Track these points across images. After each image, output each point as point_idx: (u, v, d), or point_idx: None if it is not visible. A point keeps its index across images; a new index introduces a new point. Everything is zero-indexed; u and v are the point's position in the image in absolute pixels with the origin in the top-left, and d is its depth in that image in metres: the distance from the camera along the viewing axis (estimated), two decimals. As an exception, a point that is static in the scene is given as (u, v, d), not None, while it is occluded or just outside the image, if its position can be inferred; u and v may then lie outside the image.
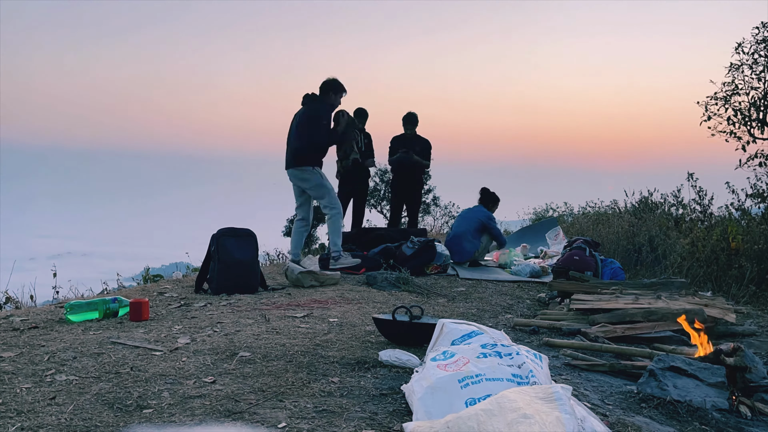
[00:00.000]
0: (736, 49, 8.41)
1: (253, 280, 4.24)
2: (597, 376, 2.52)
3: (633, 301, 3.65)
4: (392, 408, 1.97)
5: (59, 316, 3.21)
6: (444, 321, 2.39)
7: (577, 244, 5.63)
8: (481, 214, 6.45)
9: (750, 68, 8.32)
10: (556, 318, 3.60)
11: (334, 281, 4.66)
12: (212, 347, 2.59)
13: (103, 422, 1.76)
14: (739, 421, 2.10)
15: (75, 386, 2.06)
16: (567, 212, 14.65)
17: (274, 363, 2.40)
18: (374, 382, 2.22)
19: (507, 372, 1.86)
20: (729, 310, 3.60)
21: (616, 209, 10.35)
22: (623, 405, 2.17)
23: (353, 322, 3.23)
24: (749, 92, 8.36)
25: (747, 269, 5.28)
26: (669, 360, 2.34)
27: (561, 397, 1.52)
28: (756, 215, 6.78)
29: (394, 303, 3.88)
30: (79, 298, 4.16)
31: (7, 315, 3.25)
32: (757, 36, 8.29)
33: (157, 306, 3.60)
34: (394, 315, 2.83)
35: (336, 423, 1.80)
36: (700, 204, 7.93)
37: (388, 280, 4.71)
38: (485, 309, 4.03)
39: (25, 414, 1.80)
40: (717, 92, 8.59)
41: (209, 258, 4.19)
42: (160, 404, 1.91)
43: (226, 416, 1.84)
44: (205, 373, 2.25)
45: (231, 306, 3.60)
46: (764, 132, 8.24)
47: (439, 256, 5.82)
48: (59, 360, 2.35)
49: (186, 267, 6.05)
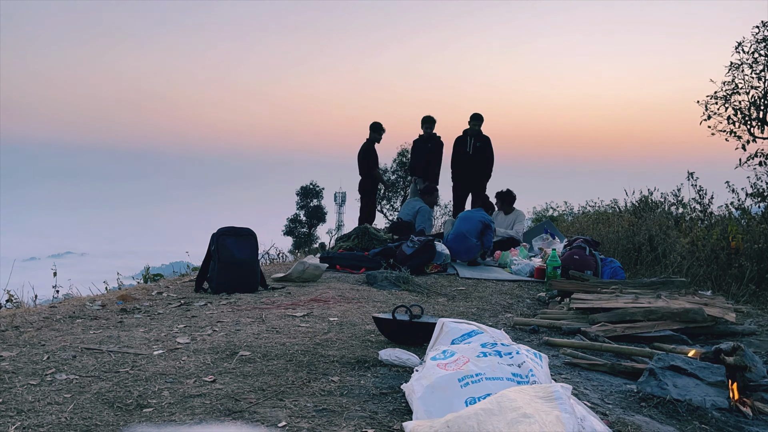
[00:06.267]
0: (737, 49, 8.41)
1: (253, 279, 4.24)
2: (597, 375, 2.52)
3: (633, 300, 3.65)
4: (392, 407, 1.97)
5: (59, 315, 3.21)
6: (444, 320, 2.39)
7: (577, 244, 5.64)
8: (484, 216, 6.50)
9: (750, 67, 8.32)
10: (556, 317, 3.60)
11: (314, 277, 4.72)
12: (212, 346, 2.59)
13: (103, 421, 1.76)
14: (739, 420, 2.10)
15: (75, 385, 2.06)
16: (567, 211, 14.65)
17: (274, 362, 2.40)
18: (374, 382, 2.23)
19: (507, 371, 1.86)
20: (729, 309, 3.60)
21: (616, 208, 10.35)
22: (623, 404, 2.17)
23: (353, 322, 3.23)
24: (749, 91, 8.37)
25: (747, 268, 5.28)
26: (669, 359, 2.34)
27: (561, 396, 1.52)
28: (756, 214, 6.79)
29: (394, 302, 3.88)
30: (79, 297, 4.16)
31: (8, 314, 3.25)
32: (757, 35, 8.29)
33: (157, 305, 3.60)
34: (394, 314, 2.83)
35: (336, 422, 1.80)
36: (700, 203, 7.93)
37: (388, 279, 4.71)
38: (485, 308, 4.04)
39: (25, 413, 1.80)
40: (717, 91, 8.59)
41: (209, 257, 4.19)
42: (160, 403, 1.91)
43: (226, 415, 1.84)
44: (205, 372, 2.25)
45: (231, 305, 3.60)
46: (764, 131, 8.25)
47: (439, 256, 5.83)
48: (59, 359, 2.35)
49: (186, 266, 6.06)
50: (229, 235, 4.23)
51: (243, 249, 4.23)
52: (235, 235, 4.26)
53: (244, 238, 4.30)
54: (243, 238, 4.29)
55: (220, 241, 4.17)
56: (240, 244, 4.24)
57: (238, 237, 4.26)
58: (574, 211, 14.27)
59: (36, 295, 4.57)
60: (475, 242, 6.36)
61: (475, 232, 6.37)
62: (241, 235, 4.29)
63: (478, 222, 6.42)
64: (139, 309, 3.49)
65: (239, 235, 4.28)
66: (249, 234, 4.34)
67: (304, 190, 31.52)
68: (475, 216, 6.50)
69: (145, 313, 3.37)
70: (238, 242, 4.24)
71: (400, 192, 23.95)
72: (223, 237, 4.19)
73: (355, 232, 6.81)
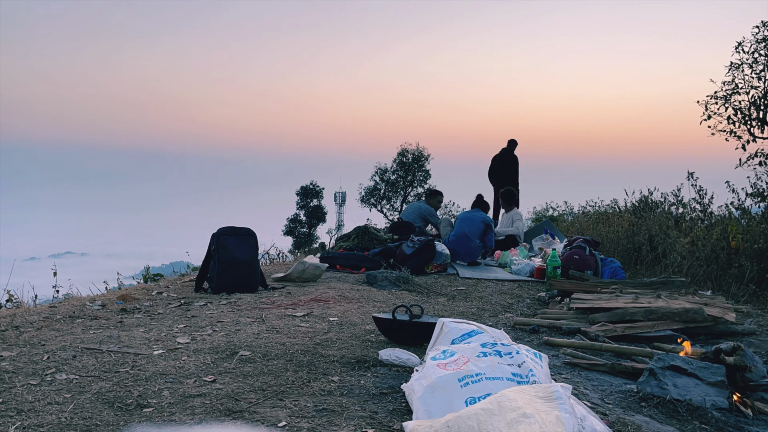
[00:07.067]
0: (737, 48, 8.41)
1: (253, 279, 4.24)
2: (597, 375, 2.52)
3: (633, 300, 3.65)
4: (392, 407, 1.97)
5: (59, 315, 3.21)
6: (444, 320, 2.39)
7: (577, 243, 5.64)
8: (484, 217, 6.51)
9: (750, 67, 8.32)
10: (556, 317, 3.60)
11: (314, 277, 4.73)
12: (212, 346, 2.60)
13: (103, 421, 1.76)
14: (739, 420, 2.10)
15: (75, 385, 2.06)
16: (567, 211, 14.65)
17: (275, 362, 2.40)
18: (374, 381, 2.23)
19: (507, 371, 1.86)
20: (729, 309, 3.60)
21: (616, 208, 10.35)
22: (623, 404, 2.17)
23: (353, 321, 3.23)
24: (749, 91, 8.37)
25: (747, 268, 5.28)
26: (669, 359, 2.34)
27: (561, 396, 1.52)
28: (756, 214, 6.78)
29: (394, 302, 3.89)
30: (79, 297, 4.16)
31: (8, 314, 3.25)
32: (757, 35, 8.29)
33: (157, 305, 3.60)
34: (394, 314, 2.83)
35: (336, 422, 1.80)
36: (700, 203, 7.93)
37: (388, 279, 4.71)
38: (485, 308, 4.04)
39: (25, 413, 1.80)
40: (717, 91, 8.59)
41: (209, 257, 4.19)
42: (160, 403, 1.91)
43: (226, 415, 1.84)
44: (205, 372, 2.25)
45: (231, 305, 3.60)
46: (764, 131, 8.25)
47: (439, 255, 5.83)
48: (59, 359, 2.35)
49: (186, 266, 6.05)
50: (229, 235, 4.23)
51: (243, 249, 4.23)
52: (235, 235, 4.26)
53: (244, 238, 4.30)
54: (243, 238, 4.29)
55: (220, 241, 4.17)
56: (240, 244, 4.24)
57: (238, 237, 4.26)
58: (574, 211, 14.27)
59: (36, 295, 4.57)
60: (478, 243, 6.37)
61: (477, 233, 6.37)
62: (241, 235, 4.29)
63: (479, 223, 6.42)
64: (139, 309, 3.49)
65: (239, 235, 4.28)
66: (249, 234, 4.34)
67: (304, 190, 31.52)
68: (476, 217, 6.50)
69: (145, 313, 3.37)
70: (238, 242, 4.23)
71: (400, 192, 23.96)
72: (223, 237, 4.19)
73: (355, 232, 6.81)
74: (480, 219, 6.46)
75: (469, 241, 6.31)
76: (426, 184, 25.96)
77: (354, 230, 6.88)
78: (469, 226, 6.39)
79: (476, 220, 6.44)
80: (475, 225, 6.39)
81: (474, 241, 6.33)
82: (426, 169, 26.42)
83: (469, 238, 6.32)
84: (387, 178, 24.66)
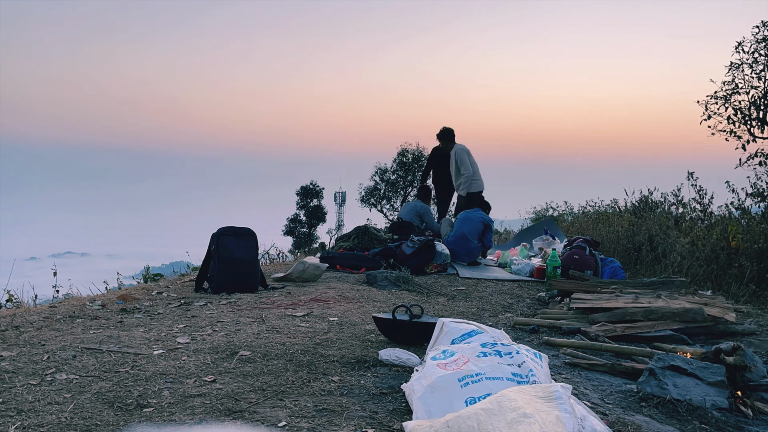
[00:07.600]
0: (737, 48, 8.41)
1: (253, 279, 4.24)
2: (597, 375, 2.52)
3: (633, 300, 3.65)
4: (392, 407, 1.97)
5: (59, 315, 3.21)
6: (444, 320, 2.39)
7: (577, 243, 5.64)
8: (483, 217, 6.51)
9: (750, 67, 8.32)
10: (556, 317, 3.60)
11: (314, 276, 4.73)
12: (212, 346, 2.60)
13: (103, 421, 1.76)
14: (739, 420, 2.10)
15: (75, 385, 2.06)
16: (567, 211, 14.65)
17: (275, 362, 2.40)
18: (374, 381, 2.23)
19: (507, 371, 1.86)
20: (729, 309, 3.60)
21: (616, 208, 10.34)
22: (623, 404, 2.17)
23: (353, 321, 3.23)
24: (749, 91, 8.36)
25: (747, 268, 5.28)
26: (669, 359, 2.34)
27: (561, 396, 1.52)
28: (756, 214, 6.78)
29: (394, 302, 3.88)
30: (79, 297, 4.16)
31: (8, 314, 3.25)
32: (757, 35, 8.29)
33: (157, 305, 3.60)
34: (394, 314, 2.83)
35: (336, 422, 1.80)
36: (700, 203, 7.93)
37: (388, 279, 4.71)
38: (485, 308, 4.04)
39: (25, 413, 1.80)
40: (717, 91, 8.58)
41: (209, 257, 4.19)
42: (160, 403, 1.91)
43: (226, 415, 1.84)
44: (205, 372, 2.25)
45: (231, 305, 3.60)
46: (764, 131, 8.24)
47: (439, 255, 5.83)
48: (59, 359, 2.35)
49: (186, 266, 6.05)
50: (229, 235, 4.23)
51: (243, 249, 4.23)
52: (235, 234, 4.26)
53: (244, 238, 4.30)
54: (243, 237, 4.29)
55: (220, 240, 4.17)
56: (240, 244, 4.24)
57: (238, 237, 4.26)
58: (574, 211, 14.26)
59: (36, 295, 4.57)
60: (476, 244, 6.37)
61: (477, 233, 6.38)
62: (241, 234, 4.29)
63: (479, 223, 6.42)
64: (139, 309, 3.49)
65: (239, 234, 4.28)
66: (249, 234, 4.34)
67: (304, 190, 31.51)
68: (475, 217, 6.50)
69: (145, 313, 3.37)
70: (238, 242, 4.24)
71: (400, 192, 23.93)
72: (223, 237, 4.19)
73: (355, 232, 6.81)
74: (479, 219, 6.46)
75: (467, 242, 6.32)
76: (426, 184, 25.83)
77: (354, 230, 6.88)
78: (467, 227, 6.39)
79: (475, 220, 6.44)
80: (474, 225, 6.40)
81: (473, 242, 6.33)
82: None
83: (467, 238, 6.32)
84: (387, 178, 24.66)
